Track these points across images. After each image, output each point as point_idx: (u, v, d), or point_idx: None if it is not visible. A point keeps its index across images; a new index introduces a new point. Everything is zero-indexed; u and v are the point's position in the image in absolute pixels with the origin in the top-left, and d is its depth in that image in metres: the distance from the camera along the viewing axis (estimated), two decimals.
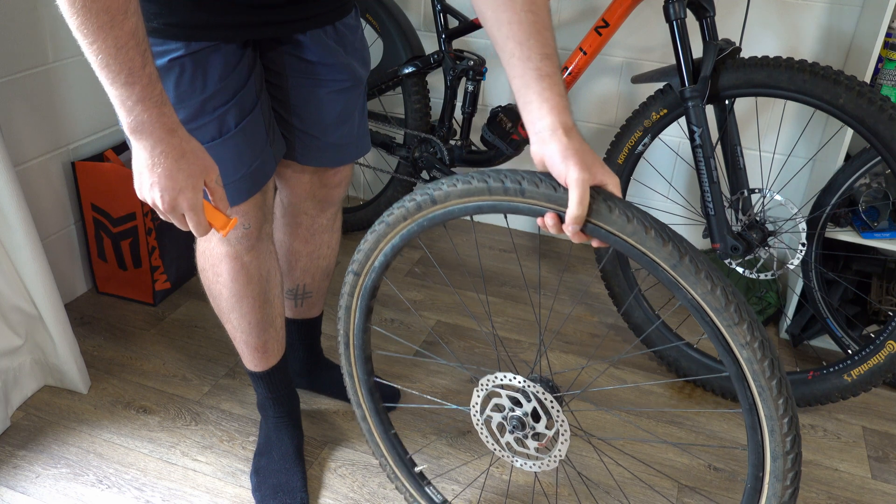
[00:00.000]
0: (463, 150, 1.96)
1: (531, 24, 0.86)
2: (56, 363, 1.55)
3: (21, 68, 1.62)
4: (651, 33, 1.97)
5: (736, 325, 0.82)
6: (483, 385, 1.06)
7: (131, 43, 0.80)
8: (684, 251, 0.83)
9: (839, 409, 1.66)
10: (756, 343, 0.82)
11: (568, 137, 0.84)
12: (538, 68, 0.86)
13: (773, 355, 0.83)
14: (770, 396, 0.83)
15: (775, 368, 0.83)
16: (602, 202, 0.85)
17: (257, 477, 1.37)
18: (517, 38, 0.86)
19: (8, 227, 1.39)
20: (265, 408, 1.42)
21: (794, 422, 0.85)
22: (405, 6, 2.12)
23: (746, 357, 0.83)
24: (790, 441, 0.85)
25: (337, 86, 1.16)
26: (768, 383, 0.83)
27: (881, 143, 1.36)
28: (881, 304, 1.75)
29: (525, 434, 1.06)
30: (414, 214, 1.02)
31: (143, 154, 0.88)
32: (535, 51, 0.86)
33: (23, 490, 1.34)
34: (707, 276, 0.83)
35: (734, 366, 0.84)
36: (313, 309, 1.50)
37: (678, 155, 2.08)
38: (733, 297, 0.83)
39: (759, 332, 0.82)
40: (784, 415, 0.84)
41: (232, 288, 1.21)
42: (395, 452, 1.24)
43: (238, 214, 1.12)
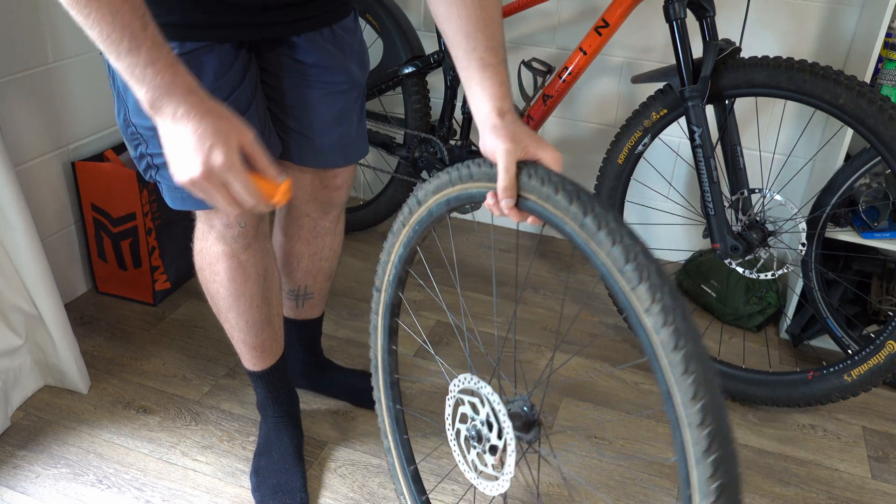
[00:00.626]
0: (463, 150, 1.96)
1: (479, 19, 0.90)
2: (56, 363, 1.55)
3: (21, 68, 1.62)
4: (651, 33, 1.97)
5: (635, 288, 0.72)
6: (451, 390, 0.99)
7: (125, 7, 0.77)
8: (591, 208, 0.76)
9: (839, 409, 1.66)
10: (657, 307, 0.70)
11: (500, 118, 0.88)
12: (482, 58, 0.90)
13: (678, 324, 0.70)
14: (674, 374, 0.70)
15: (679, 339, 0.69)
16: (525, 171, 0.83)
17: (257, 477, 1.37)
18: (464, 30, 0.90)
19: (8, 227, 1.39)
20: (265, 407, 1.42)
21: (707, 410, 0.68)
22: (405, 6, 2.12)
23: (652, 324, 0.71)
24: (706, 437, 0.68)
25: (333, 88, 1.17)
26: (672, 356, 0.70)
27: (881, 143, 1.36)
28: (881, 304, 1.75)
29: (483, 448, 0.96)
30: (408, 220, 1.01)
31: (168, 126, 0.81)
32: (481, 42, 0.90)
33: (23, 490, 1.35)
34: (609, 233, 0.74)
35: (646, 341, 0.73)
36: (314, 310, 1.50)
37: (678, 155, 2.08)
38: (637, 258, 0.72)
39: (663, 296, 0.71)
40: (694, 400, 0.68)
41: (229, 287, 1.21)
42: (414, 489, 1.20)
43: (235, 213, 1.11)
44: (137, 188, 1.75)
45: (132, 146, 1.06)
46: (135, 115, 1.01)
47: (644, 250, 0.74)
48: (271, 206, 0.86)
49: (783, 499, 1.42)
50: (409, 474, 1.21)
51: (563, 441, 1.52)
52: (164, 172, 1.06)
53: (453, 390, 0.99)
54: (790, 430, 1.59)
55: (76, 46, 1.75)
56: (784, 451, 1.53)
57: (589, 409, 1.61)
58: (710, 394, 0.69)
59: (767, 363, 1.79)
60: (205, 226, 1.17)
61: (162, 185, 1.10)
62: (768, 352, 1.83)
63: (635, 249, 0.73)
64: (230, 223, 1.13)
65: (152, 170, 1.07)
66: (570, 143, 2.19)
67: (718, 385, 0.70)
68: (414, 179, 2.05)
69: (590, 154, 2.16)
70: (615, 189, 1.69)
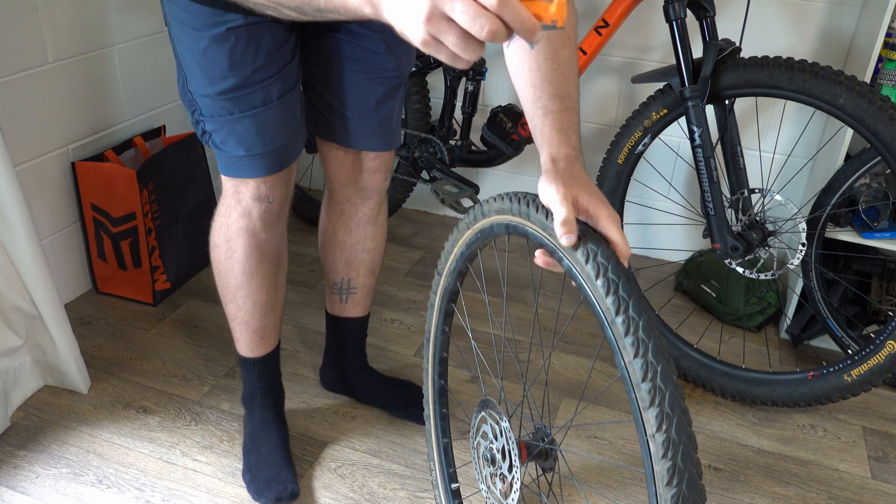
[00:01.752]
0: (463, 150, 1.96)
1: (548, 71, 0.89)
2: (56, 363, 1.55)
3: (21, 68, 1.62)
4: (651, 33, 1.97)
5: (646, 409, 0.71)
6: (477, 408, 1.04)
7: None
8: (624, 309, 0.73)
9: (839, 409, 1.65)
10: (662, 437, 0.70)
11: (553, 164, 0.84)
12: (545, 106, 0.88)
13: (678, 463, 0.69)
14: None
15: (675, 476, 0.69)
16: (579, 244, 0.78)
17: (250, 474, 1.37)
18: (532, 82, 0.90)
19: (8, 227, 1.39)
20: (252, 399, 1.42)
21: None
22: None
23: (654, 451, 0.71)
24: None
25: (379, 74, 1.22)
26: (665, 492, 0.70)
27: (881, 143, 1.36)
28: (881, 304, 1.75)
29: (495, 471, 0.99)
30: (472, 224, 1.03)
31: (392, 5, 0.68)
32: (546, 91, 0.89)
33: (23, 490, 1.34)
34: (634, 343, 0.72)
35: (647, 459, 0.72)
36: (359, 307, 1.50)
37: (678, 155, 2.08)
38: (654, 379, 0.71)
39: (669, 427, 0.70)
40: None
41: (245, 264, 1.24)
42: (444, 461, 1.26)
43: (266, 186, 1.17)
44: (137, 188, 1.75)
45: (189, 111, 1.13)
46: (192, 83, 1.08)
47: (665, 370, 0.71)
48: (535, 28, 0.66)
49: (783, 499, 1.42)
50: (442, 446, 1.26)
51: (564, 443, 1.52)
52: (216, 138, 1.13)
53: (480, 408, 1.03)
54: (790, 430, 1.59)
55: (76, 46, 1.75)
56: (784, 451, 1.53)
57: (589, 409, 1.61)
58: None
59: (767, 363, 1.79)
60: (232, 200, 1.20)
61: (217, 153, 1.16)
62: (768, 352, 1.83)
63: (655, 368, 0.71)
64: (259, 196, 1.17)
65: (206, 135, 1.14)
66: None
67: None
68: (414, 179, 2.05)
69: (590, 154, 2.16)
70: (615, 189, 1.69)
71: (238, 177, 1.16)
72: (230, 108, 1.08)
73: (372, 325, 1.85)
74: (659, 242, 2.22)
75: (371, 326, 1.84)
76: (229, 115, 1.09)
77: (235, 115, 1.09)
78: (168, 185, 1.85)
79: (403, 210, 2.44)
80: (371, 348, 1.74)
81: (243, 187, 1.17)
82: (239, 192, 1.18)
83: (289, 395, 1.59)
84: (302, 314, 1.89)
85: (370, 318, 1.86)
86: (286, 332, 1.82)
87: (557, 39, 0.92)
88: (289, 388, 1.62)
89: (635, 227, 2.21)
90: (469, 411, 1.59)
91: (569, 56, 0.92)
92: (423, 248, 2.25)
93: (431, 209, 2.47)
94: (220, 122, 1.10)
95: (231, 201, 1.20)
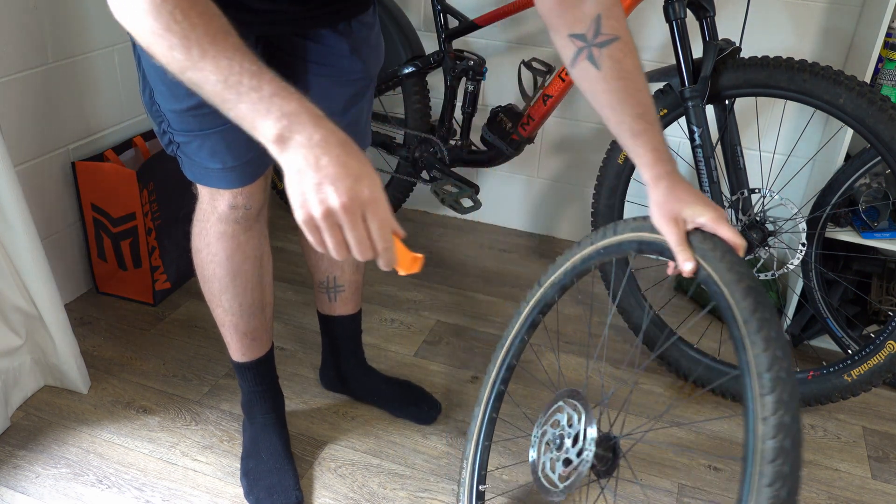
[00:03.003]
0: (463, 150, 1.96)
1: (621, 90, 0.94)
2: (56, 363, 1.55)
3: (21, 68, 1.62)
4: (651, 33, 1.97)
5: (763, 396, 0.77)
6: (558, 394, 1.07)
7: (240, 52, 0.75)
8: (759, 309, 0.82)
9: (839, 409, 1.65)
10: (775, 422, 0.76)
11: (655, 186, 0.93)
12: (631, 128, 0.94)
13: (786, 445, 0.74)
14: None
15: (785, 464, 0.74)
16: (699, 243, 0.91)
17: (248, 480, 1.36)
18: (611, 104, 0.95)
19: (8, 227, 1.39)
20: (251, 405, 1.42)
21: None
22: (405, 6, 2.12)
23: (762, 433, 0.76)
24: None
25: (344, 77, 1.20)
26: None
27: (881, 143, 1.36)
28: (881, 304, 1.75)
29: (558, 457, 1.02)
30: (596, 242, 1.08)
31: (300, 154, 0.74)
32: (627, 113, 0.94)
33: (23, 490, 1.34)
34: (764, 340, 0.79)
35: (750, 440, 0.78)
36: (348, 305, 1.50)
37: (678, 155, 2.08)
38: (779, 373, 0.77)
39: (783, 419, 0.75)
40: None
41: (227, 266, 1.23)
42: (478, 461, 1.27)
43: (243, 196, 1.16)
44: (137, 188, 1.75)
45: (155, 123, 1.11)
46: (158, 97, 1.07)
47: (789, 366, 0.78)
48: (392, 265, 0.78)
49: None
50: (482, 447, 1.27)
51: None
52: (185, 149, 1.11)
53: (561, 394, 1.05)
54: None
55: (76, 46, 1.75)
56: None
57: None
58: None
59: None
60: (208, 206, 1.19)
61: (182, 160, 1.14)
62: None
63: (782, 362, 0.77)
64: (235, 205, 1.16)
65: (174, 145, 1.12)
66: (570, 143, 2.19)
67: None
68: (414, 179, 2.05)
69: (590, 154, 2.16)
70: (615, 189, 1.69)
71: (212, 187, 1.15)
72: (198, 123, 1.06)
73: (372, 325, 1.85)
74: None
75: (371, 326, 1.84)
76: (199, 130, 1.07)
77: (205, 130, 1.07)
78: (168, 185, 1.85)
79: (403, 210, 2.44)
80: (371, 348, 1.74)
81: (219, 196, 1.16)
82: (214, 200, 1.17)
83: (289, 396, 1.59)
84: (301, 314, 1.89)
85: (370, 318, 1.87)
86: (285, 332, 1.82)
87: (619, 52, 0.95)
88: (289, 388, 1.62)
89: None
90: (467, 412, 1.59)
91: (634, 66, 0.95)
92: (423, 248, 2.25)
93: (431, 209, 2.47)
94: (190, 136, 1.08)
95: (207, 207, 1.19)
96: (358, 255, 0.76)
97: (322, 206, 0.73)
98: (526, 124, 1.81)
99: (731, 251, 0.89)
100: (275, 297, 1.44)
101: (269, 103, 0.74)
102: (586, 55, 0.95)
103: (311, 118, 0.75)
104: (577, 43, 0.95)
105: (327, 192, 0.73)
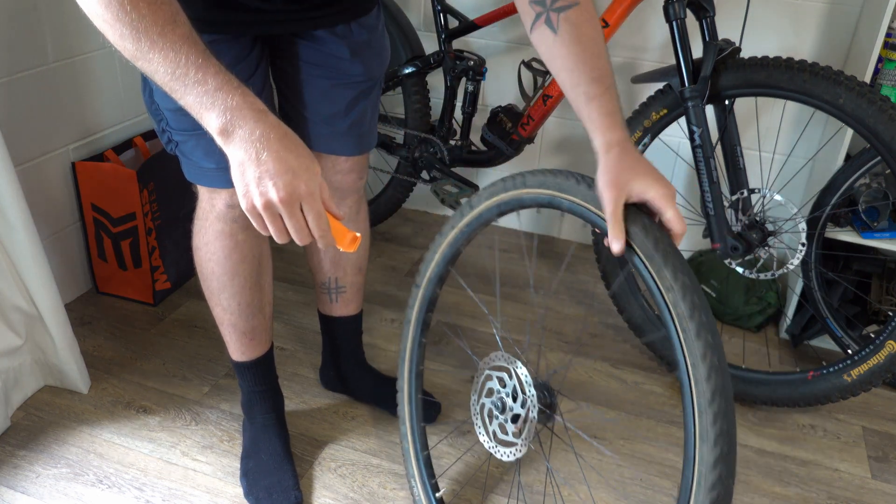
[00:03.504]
0: (463, 150, 1.96)
1: (578, 54, 0.92)
2: (56, 363, 1.55)
3: (21, 68, 1.62)
4: (651, 33, 1.97)
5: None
6: (481, 368, 1.09)
7: (188, 44, 0.78)
8: (689, 296, 0.86)
9: (839, 409, 1.65)
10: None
11: (606, 153, 0.89)
12: (585, 92, 0.91)
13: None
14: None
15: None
16: (634, 224, 0.87)
17: (247, 480, 1.36)
18: (567, 68, 0.93)
19: (8, 227, 1.39)
20: (251, 405, 1.42)
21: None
22: (405, 6, 2.12)
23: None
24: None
25: (346, 80, 1.20)
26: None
27: (881, 143, 1.36)
28: (881, 304, 1.75)
29: (506, 418, 1.06)
30: (498, 195, 1.08)
31: (242, 147, 0.80)
32: (584, 75, 0.92)
33: (23, 490, 1.35)
34: (697, 327, 0.84)
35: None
36: (350, 305, 1.50)
37: (678, 155, 2.08)
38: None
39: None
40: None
41: (225, 265, 1.23)
42: (424, 473, 1.28)
43: None
44: (137, 188, 1.75)
45: (155, 121, 1.12)
46: (157, 96, 1.08)
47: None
48: (331, 246, 0.86)
49: (783, 499, 1.42)
50: (422, 459, 1.28)
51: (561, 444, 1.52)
52: (183, 147, 1.12)
53: (483, 367, 1.08)
54: (790, 430, 1.59)
55: (77, 46, 1.75)
56: (784, 451, 1.53)
57: (589, 409, 1.61)
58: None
59: (767, 363, 1.79)
60: (207, 205, 1.19)
61: (181, 159, 1.15)
62: (768, 352, 1.83)
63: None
64: (233, 203, 1.16)
65: (172, 144, 1.13)
66: (570, 143, 2.19)
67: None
68: (414, 179, 2.05)
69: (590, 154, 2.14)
70: None
71: (209, 186, 1.15)
72: (192, 122, 1.05)
73: (372, 325, 1.85)
74: None
75: (371, 326, 1.84)
76: (193, 129, 1.07)
77: (199, 129, 1.06)
78: (168, 185, 1.85)
79: (403, 210, 2.44)
80: (371, 348, 1.74)
81: (216, 196, 1.16)
82: (213, 200, 1.17)
83: (289, 395, 1.59)
84: (302, 314, 1.89)
85: (370, 318, 1.87)
86: (285, 332, 1.82)
87: (578, 17, 0.93)
88: (289, 388, 1.62)
89: None
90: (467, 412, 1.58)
91: (594, 33, 0.94)
92: (423, 248, 2.25)
93: (431, 209, 2.47)
94: (186, 135, 1.09)
95: (206, 206, 1.19)
96: (298, 241, 0.83)
97: (263, 199, 0.79)
98: (526, 124, 1.81)
99: (667, 239, 0.87)
100: (275, 296, 1.45)
101: (214, 97, 0.78)
102: (544, 19, 0.94)
103: (252, 113, 0.79)
104: (536, 8, 0.95)
105: (267, 186, 0.79)
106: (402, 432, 1.30)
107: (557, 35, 0.93)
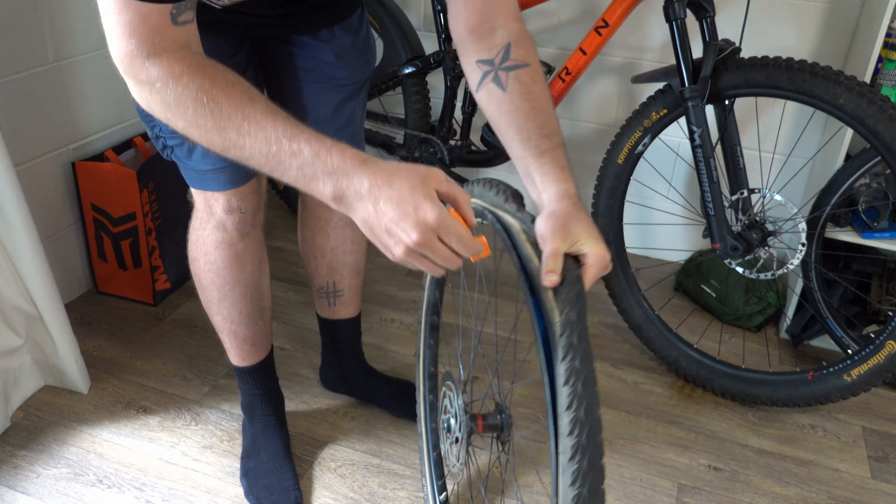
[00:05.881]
0: (463, 150, 1.96)
1: (528, 110, 0.91)
2: (56, 363, 1.55)
3: (21, 68, 1.62)
4: (651, 33, 1.97)
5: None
6: (441, 385, 1.09)
7: (272, 118, 0.76)
8: (571, 356, 0.77)
9: (839, 409, 1.65)
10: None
11: (558, 202, 0.87)
12: (537, 146, 0.89)
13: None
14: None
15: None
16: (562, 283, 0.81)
17: (248, 480, 1.36)
18: (517, 123, 0.91)
19: (8, 227, 1.39)
20: (251, 406, 1.42)
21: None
22: (405, 6, 2.12)
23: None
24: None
25: (333, 83, 1.19)
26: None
27: (881, 143, 1.36)
28: (881, 304, 1.75)
29: (452, 440, 1.02)
30: None
31: (359, 208, 0.76)
32: (534, 132, 0.90)
33: (23, 490, 1.35)
34: (570, 395, 0.74)
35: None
36: (348, 308, 1.50)
37: (678, 155, 2.08)
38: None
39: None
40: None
41: (225, 276, 1.23)
42: (433, 473, 1.29)
43: (237, 198, 1.15)
44: (137, 188, 1.75)
45: (148, 127, 1.11)
46: None
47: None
48: (481, 257, 0.81)
49: (783, 499, 1.42)
50: (433, 458, 1.30)
51: None
52: (178, 152, 1.10)
53: (442, 385, 1.08)
54: (790, 430, 1.59)
55: (77, 46, 1.75)
56: (784, 451, 1.53)
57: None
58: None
59: (767, 363, 1.79)
60: (204, 213, 1.18)
61: (178, 164, 1.14)
62: (768, 352, 1.83)
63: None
64: (231, 209, 1.15)
65: (167, 149, 1.11)
66: (570, 143, 2.18)
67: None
68: None
69: (590, 154, 2.16)
70: (615, 189, 1.69)
71: (207, 189, 1.14)
72: None
73: (372, 325, 1.85)
74: (659, 242, 2.22)
75: (371, 326, 1.84)
76: None
77: None
78: (168, 185, 1.85)
79: None
80: (371, 348, 1.74)
81: (214, 201, 1.15)
82: (210, 206, 1.16)
83: (289, 396, 1.59)
84: (301, 314, 1.89)
85: (370, 318, 1.87)
86: (285, 332, 1.82)
87: (527, 76, 0.92)
88: (289, 388, 1.62)
89: (635, 227, 2.21)
90: None
91: (542, 91, 0.93)
92: None
93: None
94: (181, 138, 1.08)
95: (204, 215, 1.18)
96: (452, 269, 0.81)
97: (400, 248, 0.76)
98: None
99: (583, 297, 0.81)
100: (275, 297, 1.45)
101: (313, 167, 0.76)
102: (492, 77, 0.93)
103: (353, 167, 0.76)
104: (483, 67, 0.94)
105: (399, 236, 0.76)
106: (418, 431, 1.32)
107: (506, 92, 0.91)
